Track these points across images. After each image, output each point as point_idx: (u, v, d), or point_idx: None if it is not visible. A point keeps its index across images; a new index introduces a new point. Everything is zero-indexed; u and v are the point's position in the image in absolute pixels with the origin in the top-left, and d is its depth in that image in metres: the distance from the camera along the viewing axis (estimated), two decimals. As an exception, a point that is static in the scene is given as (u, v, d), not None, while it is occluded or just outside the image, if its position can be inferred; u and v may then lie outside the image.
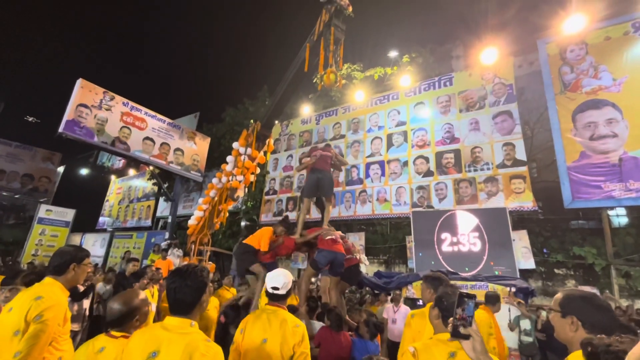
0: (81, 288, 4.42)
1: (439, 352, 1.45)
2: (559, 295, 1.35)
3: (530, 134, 9.04)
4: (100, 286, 5.38)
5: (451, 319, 1.21)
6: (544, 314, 5.23)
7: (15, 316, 1.68)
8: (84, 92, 9.82)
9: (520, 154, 8.07)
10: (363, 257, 4.31)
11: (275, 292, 2.08)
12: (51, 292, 1.81)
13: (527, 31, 9.31)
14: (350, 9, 4.26)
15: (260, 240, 3.80)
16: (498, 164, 8.29)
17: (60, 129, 9.18)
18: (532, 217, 8.22)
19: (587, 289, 6.94)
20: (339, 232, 4.09)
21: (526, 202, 7.66)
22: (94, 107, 9.95)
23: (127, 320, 1.65)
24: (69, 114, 9.40)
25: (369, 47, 12.93)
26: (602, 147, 7.00)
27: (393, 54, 10.86)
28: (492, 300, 3.69)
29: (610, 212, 7.85)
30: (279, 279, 2.12)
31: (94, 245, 15.86)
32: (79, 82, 9.81)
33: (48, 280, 1.91)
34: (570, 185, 7.12)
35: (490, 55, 8.40)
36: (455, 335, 1.20)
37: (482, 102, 9.05)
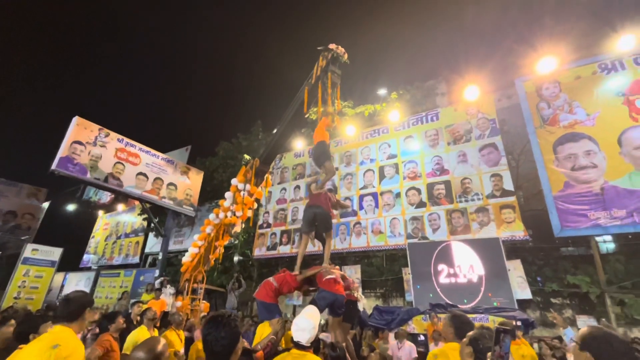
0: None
1: None
2: (584, 330, 1.46)
3: (515, 163, 9.41)
4: None
5: (489, 354, 1.26)
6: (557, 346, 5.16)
7: None
8: (79, 129, 9.87)
9: (508, 184, 8.40)
10: (360, 295, 4.23)
11: (300, 343, 2.07)
12: (67, 339, 1.78)
13: (504, 69, 10.04)
14: (346, 56, 4.61)
15: (322, 134, 4.46)
16: (487, 194, 8.57)
17: (53, 167, 9.08)
18: (524, 246, 8.36)
19: (584, 318, 6.97)
20: (340, 271, 4.03)
21: (517, 231, 7.86)
22: (89, 143, 9.97)
23: None
24: (62, 151, 9.35)
25: (360, 85, 13.61)
26: (584, 177, 7.37)
27: (382, 91, 11.46)
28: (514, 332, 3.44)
29: (597, 239, 8.07)
30: (304, 334, 2.07)
31: (77, 285, 15.15)
32: (75, 119, 9.86)
33: (59, 328, 1.88)
34: (558, 214, 7.37)
35: (472, 92, 9.02)
36: None
37: (468, 135, 9.52)
